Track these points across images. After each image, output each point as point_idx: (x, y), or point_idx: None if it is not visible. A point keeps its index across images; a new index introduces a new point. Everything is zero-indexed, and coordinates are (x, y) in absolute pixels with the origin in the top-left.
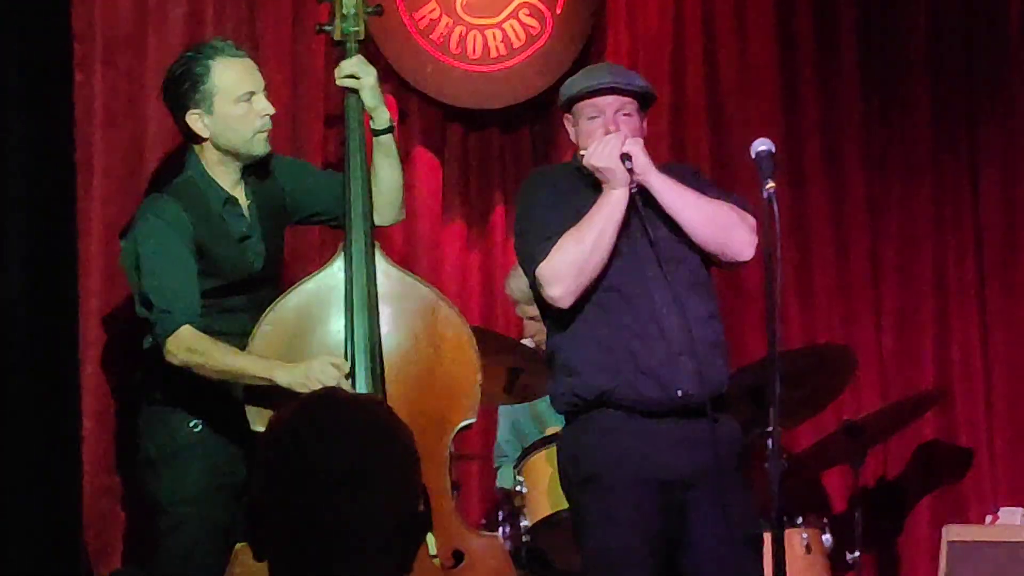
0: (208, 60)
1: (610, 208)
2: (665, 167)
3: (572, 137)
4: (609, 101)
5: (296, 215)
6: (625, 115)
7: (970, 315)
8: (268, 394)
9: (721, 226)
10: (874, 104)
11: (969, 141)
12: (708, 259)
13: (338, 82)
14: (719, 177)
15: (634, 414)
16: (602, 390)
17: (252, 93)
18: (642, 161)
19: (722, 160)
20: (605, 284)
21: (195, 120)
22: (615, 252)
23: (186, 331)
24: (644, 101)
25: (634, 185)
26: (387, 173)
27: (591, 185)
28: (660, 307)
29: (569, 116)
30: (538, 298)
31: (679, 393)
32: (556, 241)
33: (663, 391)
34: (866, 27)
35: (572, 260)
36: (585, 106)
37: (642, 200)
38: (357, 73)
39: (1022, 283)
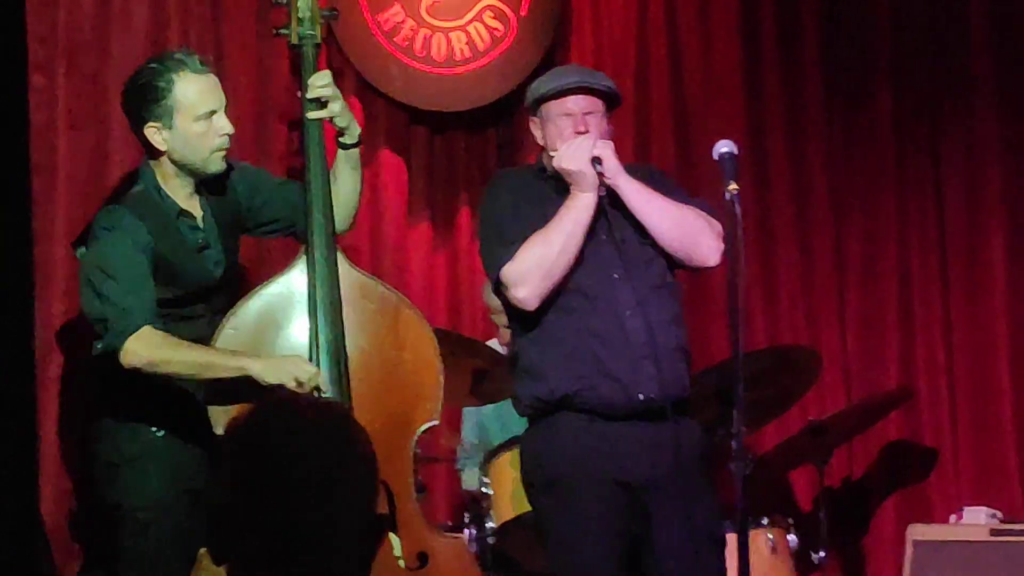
0: (172, 73)
1: (577, 212)
2: (632, 168)
3: (538, 139)
4: (578, 101)
5: (251, 223)
6: (594, 116)
7: (934, 315)
8: (232, 395)
9: (688, 231)
10: (837, 105)
11: (932, 142)
12: (673, 262)
13: (310, 116)
14: (683, 178)
15: (596, 417)
16: (564, 393)
17: (213, 112)
18: (612, 164)
19: (686, 161)
20: (569, 287)
21: (153, 133)
22: (580, 254)
23: (148, 330)
24: (611, 102)
25: (602, 188)
26: (349, 185)
27: (556, 187)
28: (623, 310)
29: (535, 118)
30: (504, 301)
31: (640, 397)
32: (520, 245)
33: (625, 395)
34: (829, 28)
35: (539, 262)
36: (553, 106)
37: (609, 202)
38: (325, 97)
39: (986, 283)
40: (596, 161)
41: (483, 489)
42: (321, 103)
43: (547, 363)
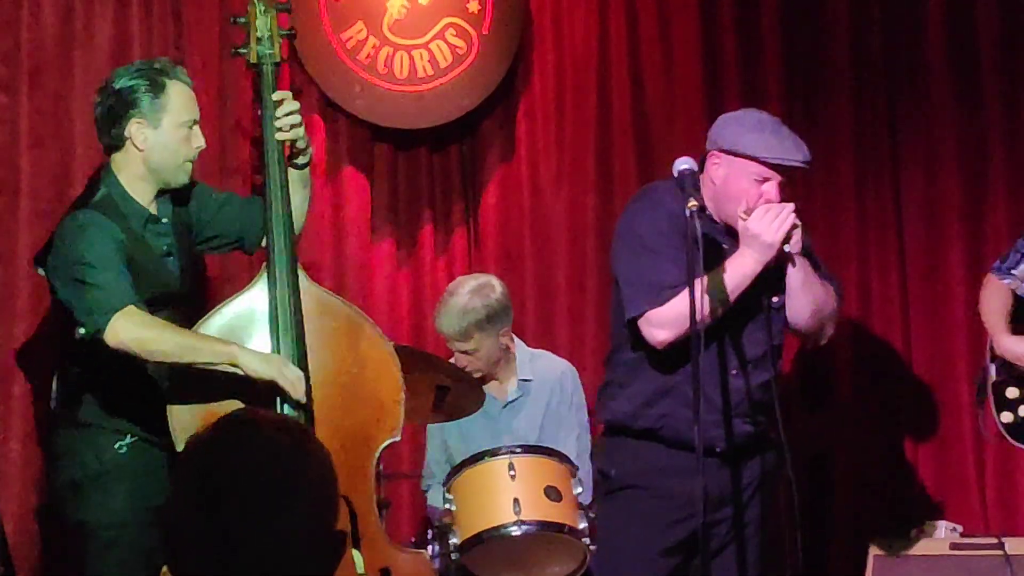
0: (167, 77)
1: (744, 275)
2: None
3: (715, 178)
4: (780, 176)
5: (198, 237)
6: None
7: (894, 331)
8: (195, 393)
9: (824, 320)
10: (797, 125)
11: (892, 162)
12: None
13: (279, 137)
14: None
15: (670, 447)
16: (647, 427)
17: (195, 122)
18: (797, 239)
19: (647, 177)
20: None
21: (137, 128)
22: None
23: (134, 308)
24: None
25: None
26: (297, 200)
27: (706, 228)
28: (731, 368)
29: (722, 156)
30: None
31: (719, 449)
32: (677, 292)
33: (705, 442)
34: (790, 44)
35: (688, 311)
36: (754, 166)
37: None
38: (292, 124)
39: (944, 298)
40: (787, 240)
41: (447, 506)
42: (289, 126)
43: (640, 389)
